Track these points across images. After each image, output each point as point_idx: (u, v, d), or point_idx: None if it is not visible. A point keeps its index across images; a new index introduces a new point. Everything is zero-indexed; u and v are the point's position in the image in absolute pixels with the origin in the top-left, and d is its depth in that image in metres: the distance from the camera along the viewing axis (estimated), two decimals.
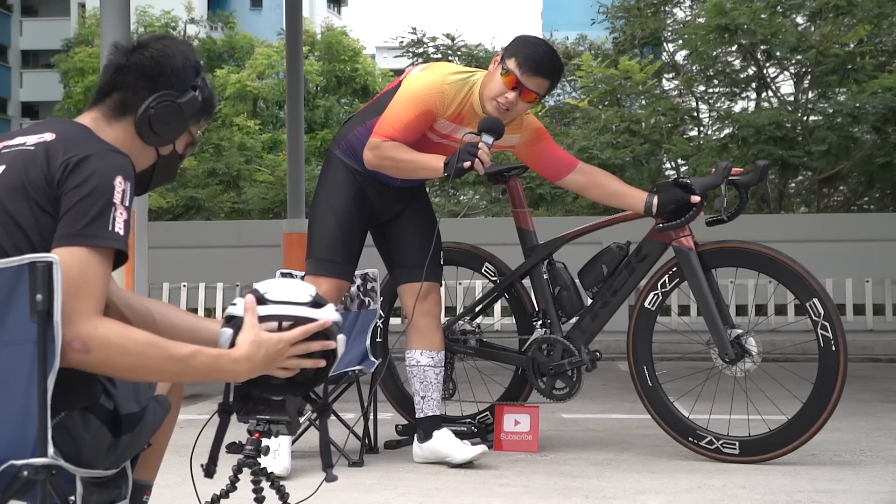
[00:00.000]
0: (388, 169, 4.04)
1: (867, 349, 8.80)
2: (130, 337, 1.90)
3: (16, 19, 44.27)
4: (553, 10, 36.73)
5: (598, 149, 12.43)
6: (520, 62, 3.92)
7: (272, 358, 2.00)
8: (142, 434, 2.09)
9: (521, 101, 3.96)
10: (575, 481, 3.81)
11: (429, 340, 4.14)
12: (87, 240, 1.90)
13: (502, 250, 5.05)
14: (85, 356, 1.87)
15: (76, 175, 1.94)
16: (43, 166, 1.95)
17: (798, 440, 4.03)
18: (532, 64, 3.93)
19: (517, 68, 3.93)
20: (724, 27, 12.46)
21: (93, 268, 1.90)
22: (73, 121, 2.13)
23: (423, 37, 15.45)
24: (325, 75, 23.86)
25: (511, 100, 3.94)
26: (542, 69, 3.95)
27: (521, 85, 3.93)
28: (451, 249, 4.72)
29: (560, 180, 4.29)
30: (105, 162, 1.97)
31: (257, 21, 38.84)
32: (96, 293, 1.90)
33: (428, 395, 4.12)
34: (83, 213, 1.92)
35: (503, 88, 3.94)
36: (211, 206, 14.41)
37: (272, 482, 2.33)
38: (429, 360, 4.12)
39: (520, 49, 3.96)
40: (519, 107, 3.99)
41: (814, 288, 4.02)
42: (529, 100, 3.98)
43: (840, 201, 13.68)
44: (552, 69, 3.98)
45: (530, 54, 3.94)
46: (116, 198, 1.94)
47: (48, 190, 1.94)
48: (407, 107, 3.98)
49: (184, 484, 3.24)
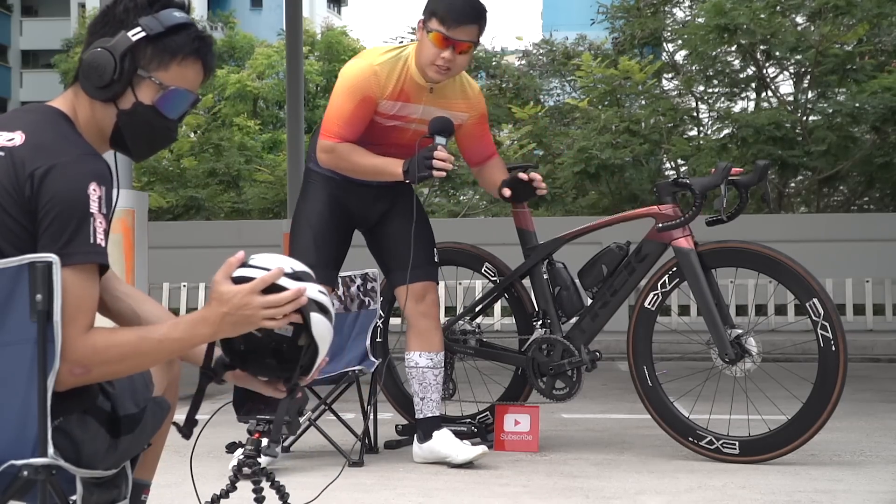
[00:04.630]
0: (347, 171, 4.03)
1: (867, 349, 8.80)
2: (121, 342, 1.90)
3: (16, 19, 44.28)
4: (553, 10, 36.75)
5: (597, 149, 12.43)
6: (441, 17, 3.88)
7: (239, 308, 1.93)
8: (142, 435, 2.08)
9: (457, 56, 3.92)
10: (575, 481, 3.81)
11: (427, 342, 4.12)
12: (70, 258, 1.85)
13: (502, 250, 5.05)
14: (88, 376, 1.89)
15: (46, 190, 1.86)
16: (11, 176, 1.88)
17: (798, 440, 4.03)
18: (454, 14, 3.87)
19: (441, 25, 3.88)
20: (723, 27, 12.47)
21: (79, 288, 1.86)
22: (49, 109, 2.03)
23: None
24: (325, 75, 23.85)
25: (448, 58, 3.90)
26: (465, 16, 3.89)
27: (450, 40, 3.89)
28: (451, 249, 4.72)
29: (475, 167, 4.37)
30: (74, 171, 1.88)
31: (257, 21, 38.85)
32: (87, 312, 1.88)
33: (427, 396, 4.11)
34: (61, 231, 1.85)
35: (436, 50, 3.90)
36: (211, 206, 14.41)
37: (272, 482, 2.33)
38: (427, 362, 4.11)
39: (437, 5, 3.92)
40: (458, 61, 3.94)
41: (814, 288, 4.02)
42: (464, 50, 3.93)
43: (840, 201, 13.69)
44: (474, 13, 3.92)
45: (448, 6, 3.89)
46: (93, 207, 1.88)
47: (19, 200, 1.87)
48: (344, 98, 3.95)
49: (184, 484, 3.24)
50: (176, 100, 2.06)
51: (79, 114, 2.04)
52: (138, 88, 2.03)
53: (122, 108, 2.03)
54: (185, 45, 2.05)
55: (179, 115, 2.09)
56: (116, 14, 2.03)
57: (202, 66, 2.09)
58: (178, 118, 2.09)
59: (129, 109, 2.03)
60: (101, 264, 1.91)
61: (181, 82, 2.06)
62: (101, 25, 2.04)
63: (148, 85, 2.03)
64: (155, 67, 2.03)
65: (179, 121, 2.12)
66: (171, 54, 2.04)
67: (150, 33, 2.01)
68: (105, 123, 2.04)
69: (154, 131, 2.07)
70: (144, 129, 2.06)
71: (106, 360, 1.88)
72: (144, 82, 2.03)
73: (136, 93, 2.03)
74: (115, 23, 2.02)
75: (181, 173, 15.07)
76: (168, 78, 2.04)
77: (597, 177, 12.71)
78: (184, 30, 2.05)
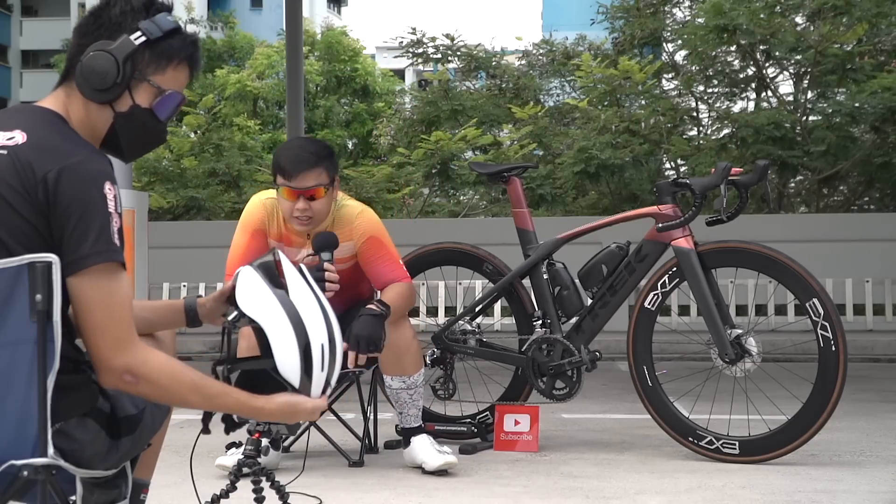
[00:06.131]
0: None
1: (867, 349, 8.80)
2: (179, 380, 1.95)
3: (16, 19, 44.26)
4: (553, 10, 36.75)
5: (597, 149, 12.42)
6: (283, 171, 3.85)
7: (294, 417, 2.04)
8: (142, 436, 2.09)
9: (312, 204, 3.86)
10: (575, 481, 3.81)
11: (399, 367, 4.07)
12: (98, 257, 1.87)
13: (502, 250, 5.05)
14: (132, 388, 1.93)
15: (63, 193, 1.87)
16: (19, 177, 1.88)
17: (798, 440, 4.03)
18: (292, 165, 3.84)
19: (284, 178, 3.86)
20: (722, 27, 12.46)
21: (115, 286, 1.90)
22: (41, 109, 2.02)
23: (423, 37, 15.47)
24: (325, 75, 23.86)
25: (301, 208, 3.86)
26: (303, 163, 3.85)
27: (297, 190, 3.85)
28: (451, 249, 4.72)
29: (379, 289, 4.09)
30: (87, 172, 1.89)
31: (257, 21, 38.85)
32: (128, 312, 1.91)
33: (405, 411, 4.10)
34: (86, 233, 1.87)
35: (289, 203, 3.87)
36: (211, 206, 14.40)
37: (272, 482, 2.33)
38: (400, 384, 4.08)
39: (278, 161, 3.90)
40: (315, 208, 3.87)
41: (814, 288, 4.02)
42: (319, 196, 3.87)
43: (840, 201, 13.68)
44: (313, 158, 3.86)
45: (284, 159, 3.87)
46: (111, 206, 1.90)
47: (31, 201, 1.88)
48: (238, 234, 4.02)
49: (184, 484, 3.24)
50: (170, 103, 2.08)
51: (72, 114, 2.03)
52: (136, 92, 2.04)
53: (119, 110, 2.04)
54: (182, 50, 2.07)
55: (168, 117, 2.11)
56: (112, 17, 2.02)
57: (192, 69, 2.12)
58: (167, 119, 2.12)
59: (127, 112, 2.04)
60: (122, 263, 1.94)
61: (175, 85, 2.08)
62: (93, 27, 2.03)
63: (145, 88, 2.05)
64: (152, 71, 2.05)
65: (168, 121, 2.14)
66: (167, 59, 2.06)
67: (150, 38, 2.02)
68: (100, 125, 2.05)
69: (148, 133, 2.09)
70: (140, 131, 2.07)
71: (156, 384, 1.93)
72: (142, 85, 2.04)
73: (133, 96, 2.04)
74: (111, 26, 2.02)
75: (181, 173, 15.04)
76: (164, 81, 2.06)
77: (597, 177, 12.70)
78: (178, 34, 2.07)
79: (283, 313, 2.02)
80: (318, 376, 2.02)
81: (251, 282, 2.07)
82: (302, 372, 2.01)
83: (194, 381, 1.96)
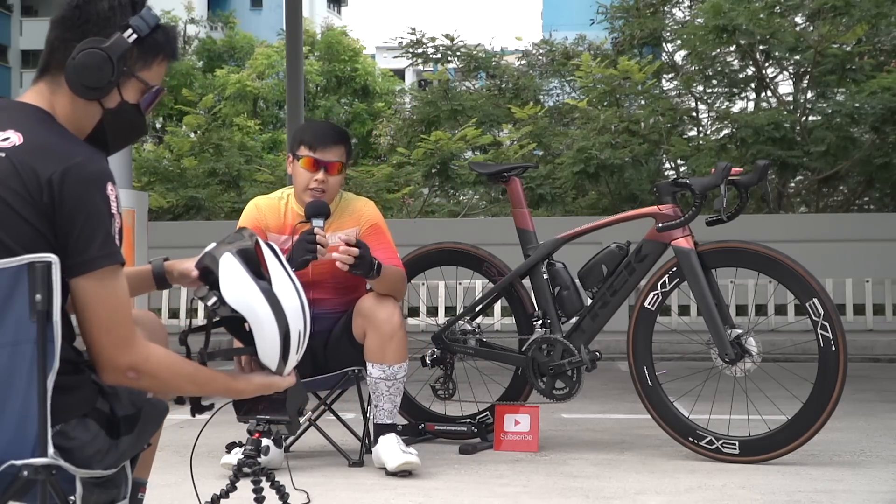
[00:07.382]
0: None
1: (867, 349, 8.80)
2: (177, 372, 2.03)
3: (16, 19, 44.25)
4: (553, 10, 36.77)
5: (597, 149, 12.43)
6: (308, 143, 4.09)
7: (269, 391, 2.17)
8: (142, 435, 2.09)
9: (329, 177, 4.07)
10: (575, 481, 3.81)
11: (380, 354, 4.06)
12: (103, 260, 1.90)
13: (502, 250, 5.05)
14: (133, 383, 1.99)
15: (68, 196, 1.87)
16: (19, 179, 1.88)
17: (798, 440, 4.03)
18: (319, 138, 4.09)
19: (308, 149, 4.08)
20: (722, 27, 12.46)
21: (118, 286, 1.94)
22: (28, 106, 2.00)
23: (423, 37, 15.48)
24: (325, 75, 23.88)
25: (321, 179, 4.06)
26: (330, 138, 4.10)
27: (320, 161, 4.06)
28: (451, 249, 4.72)
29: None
30: (89, 174, 1.90)
31: (257, 21, 38.88)
32: (130, 311, 1.96)
33: (379, 405, 4.05)
34: (92, 236, 1.89)
35: (308, 174, 4.07)
36: (211, 206, 14.40)
37: (272, 482, 2.33)
38: (380, 374, 4.04)
39: (303, 134, 4.15)
40: (331, 182, 4.08)
41: (814, 288, 4.02)
42: (336, 171, 4.08)
43: (840, 201, 13.69)
44: (338, 135, 4.15)
45: (313, 132, 4.13)
46: (113, 208, 1.92)
47: (34, 203, 1.87)
48: None
49: (184, 484, 3.25)
50: (154, 97, 2.11)
51: (57, 110, 2.02)
52: (124, 88, 2.04)
53: (107, 106, 2.04)
54: (165, 44, 2.08)
55: (148, 109, 2.13)
56: (100, 12, 2.01)
57: (172, 61, 2.14)
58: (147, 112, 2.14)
59: (115, 108, 2.04)
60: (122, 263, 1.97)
61: (157, 79, 2.10)
62: (80, 21, 2.01)
63: (133, 84, 2.06)
64: (140, 67, 2.06)
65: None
66: (153, 54, 2.07)
67: (140, 35, 2.02)
68: (86, 121, 2.04)
69: (133, 128, 2.11)
70: (126, 126, 2.09)
71: (156, 378, 2.00)
72: (130, 81, 2.05)
73: (121, 92, 2.04)
74: (99, 21, 2.01)
75: (181, 173, 15.05)
76: (150, 76, 2.08)
77: (596, 177, 12.71)
78: (160, 28, 2.07)
79: (267, 309, 2.08)
80: (293, 358, 2.14)
81: (233, 272, 2.11)
82: (280, 358, 2.11)
83: (189, 372, 2.05)
